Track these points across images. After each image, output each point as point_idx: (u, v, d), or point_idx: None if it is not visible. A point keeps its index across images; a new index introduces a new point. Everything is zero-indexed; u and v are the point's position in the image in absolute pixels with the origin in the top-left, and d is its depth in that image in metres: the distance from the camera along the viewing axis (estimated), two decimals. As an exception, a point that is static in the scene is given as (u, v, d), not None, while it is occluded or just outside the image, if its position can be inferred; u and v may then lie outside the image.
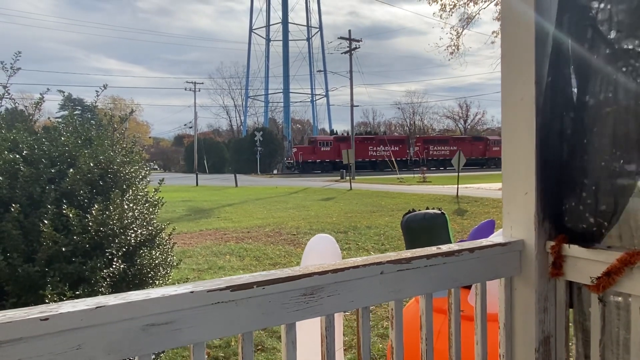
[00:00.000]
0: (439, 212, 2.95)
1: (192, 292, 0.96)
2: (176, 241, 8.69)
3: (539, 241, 1.44)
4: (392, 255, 1.25)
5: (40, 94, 3.48)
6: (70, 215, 2.54)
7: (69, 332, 0.84)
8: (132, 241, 2.97)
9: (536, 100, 1.42)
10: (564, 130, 1.39)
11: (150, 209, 3.38)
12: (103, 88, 3.68)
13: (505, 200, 1.53)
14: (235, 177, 28.07)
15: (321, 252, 2.98)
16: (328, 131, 72.09)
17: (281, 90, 70.35)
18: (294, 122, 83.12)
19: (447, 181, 24.75)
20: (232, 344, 4.10)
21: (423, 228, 2.92)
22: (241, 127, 73.50)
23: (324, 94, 71.76)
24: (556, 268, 1.43)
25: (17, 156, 2.67)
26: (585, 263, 1.36)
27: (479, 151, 53.16)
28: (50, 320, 0.82)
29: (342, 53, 40.71)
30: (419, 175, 32.66)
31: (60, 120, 3.72)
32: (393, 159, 42.15)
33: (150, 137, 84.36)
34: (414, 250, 1.32)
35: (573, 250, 1.38)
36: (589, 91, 1.35)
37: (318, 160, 47.43)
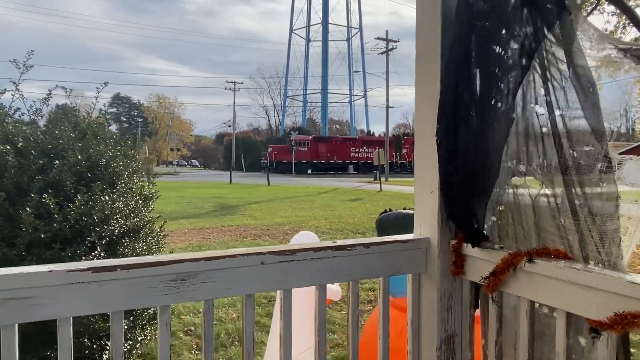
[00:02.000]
0: (413, 212, 2.95)
1: (50, 270, 1.04)
2: (195, 235, 8.94)
3: (442, 240, 1.45)
4: (275, 247, 1.30)
5: (47, 90, 3.70)
6: (50, 204, 2.70)
7: None
8: (115, 231, 3.12)
9: (440, 98, 1.42)
10: (458, 129, 1.39)
11: (140, 202, 3.53)
12: (104, 85, 3.86)
13: (416, 199, 1.54)
14: (267, 175, 28.45)
15: None
16: (366, 131, 71.85)
17: (319, 91, 70.74)
18: (333, 123, 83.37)
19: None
20: (222, 335, 4.21)
21: (394, 227, 2.93)
22: (279, 126, 74.31)
23: (362, 94, 71.63)
24: (457, 267, 1.43)
25: (9, 147, 2.86)
26: (481, 263, 1.35)
27: None
28: None
29: (379, 54, 40.52)
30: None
31: (109, 115, 3.97)
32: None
33: (192, 135, 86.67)
34: (302, 243, 1.36)
35: (470, 249, 1.38)
36: (482, 93, 1.35)
37: (295, 161, 45.68)
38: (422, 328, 1.51)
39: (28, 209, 2.66)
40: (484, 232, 1.32)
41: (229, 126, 64.36)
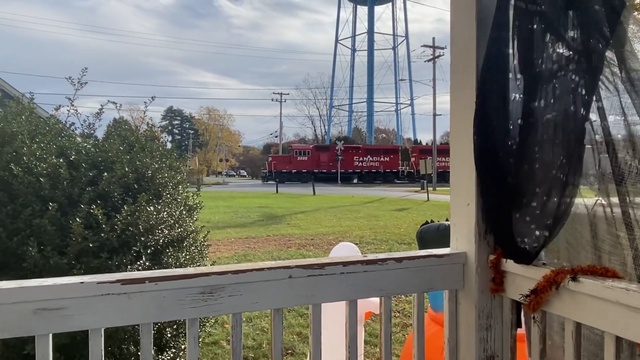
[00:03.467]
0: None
1: (82, 282, 1.07)
2: (241, 244, 9.08)
3: (480, 255, 1.38)
4: (303, 260, 1.27)
5: (97, 104, 3.89)
6: (99, 214, 2.81)
7: (-35, 308, 0.98)
8: (160, 241, 3.21)
9: (477, 108, 1.36)
10: (500, 139, 1.32)
11: (184, 212, 3.61)
12: (151, 100, 4.01)
13: (452, 211, 1.48)
14: (313, 185, 28.58)
15: None
16: (412, 140, 70.92)
17: (365, 100, 70.62)
18: (379, 132, 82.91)
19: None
20: (264, 345, 4.22)
21: (435, 238, 2.84)
22: (325, 136, 74.69)
23: (409, 102, 70.86)
24: (496, 284, 1.35)
25: (61, 160, 3.01)
26: (521, 280, 1.28)
27: None
28: (-51, 297, 0.97)
29: (425, 61, 40.02)
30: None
31: (160, 128, 4.16)
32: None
33: (240, 146, 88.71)
34: (331, 257, 1.33)
35: (510, 265, 1.31)
36: (526, 100, 1.28)
37: (294, 171, 44.65)
38: (459, 347, 1.44)
39: (78, 219, 2.77)
40: (527, 247, 1.25)
41: (276, 137, 65.42)
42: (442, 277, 1.41)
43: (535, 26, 1.27)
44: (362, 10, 70.73)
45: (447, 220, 3.13)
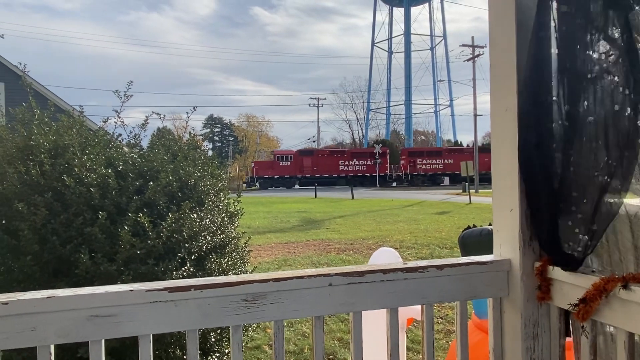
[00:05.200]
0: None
1: (131, 290, 1.11)
2: (281, 249, 9.17)
3: (525, 262, 1.34)
4: (342, 268, 1.28)
5: (145, 116, 4.04)
6: (145, 222, 2.92)
7: (25, 315, 1.04)
8: (203, 247, 3.29)
9: (519, 111, 1.34)
10: (545, 142, 1.28)
11: (226, 219, 3.69)
12: (192, 110, 4.13)
13: (495, 217, 1.45)
14: (351, 189, 28.52)
15: None
16: (452, 142, 69.64)
17: (403, 102, 69.96)
18: (417, 134, 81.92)
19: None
20: (306, 351, 4.24)
21: (478, 244, 2.78)
22: (363, 139, 74.45)
23: (448, 103, 69.70)
24: (542, 292, 1.31)
25: (110, 171, 3.14)
26: (569, 288, 1.24)
27: (483, 164, 43.72)
28: (9, 304, 1.03)
29: (464, 61, 39.26)
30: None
31: (201, 136, 4.33)
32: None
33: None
34: (371, 264, 1.33)
35: (557, 272, 1.27)
36: (572, 102, 1.24)
37: (276, 176, 43.74)
38: (505, 356, 1.41)
39: (126, 227, 2.88)
40: (575, 254, 1.20)
41: (314, 141, 65.70)
42: (486, 284, 1.38)
43: (576, 26, 1.23)
44: (398, 12, 70.25)
45: (489, 224, 3.06)
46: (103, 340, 1.12)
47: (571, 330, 1.33)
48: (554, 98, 1.29)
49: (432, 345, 1.36)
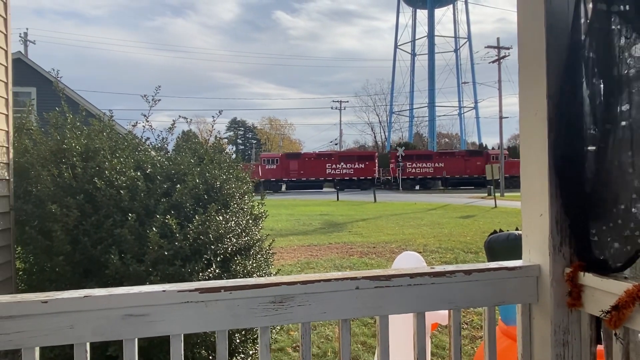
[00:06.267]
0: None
1: (164, 290, 1.14)
2: (303, 252, 9.20)
3: (555, 267, 1.33)
4: (369, 272, 1.29)
5: (172, 119, 4.12)
6: (173, 224, 2.97)
7: (63, 314, 1.08)
8: (229, 249, 3.33)
9: (548, 115, 1.32)
10: (579, 147, 1.27)
11: (250, 221, 3.73)
12: (219, 113, 4.20)
13: (524, 222, 1.43)
14: (374, 192, 28.41)
15: None
16: (477, 144, 68.71)
17: (426, 104, 69.42)
18: (441, 137, 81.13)
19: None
20: (329, 354, 4.25)
21: (505, 249, 2.74)
22: (385, 142, 74.09)
23: (472, 106, 68.82)
24: (573, 298, 1.29)
25: (139, 173, 3.22)
26: (601, 294, 1.21)
27: (476, 168, 43.54)
28: (49, 303, 1.07)
29: (489, 62, 38.72)
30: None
31: (226, 138, 4.43)
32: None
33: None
34: (398, 268, 1.33)
35: (588, 279, 1.25)
36: (606, 104, 1.22)
37: (262, 180, 42.31)
38: (534, 363, 1.39)
39: (154, 228, 2.95)
40: (610, 260, 1.18)
41: (336, 144, 65.72)
42: (514, 290, 1.37)
43: (613, 27, 1.21)
44: (422, 14, 69.80)
45: (517, 229, 3.02)
46: (136, 339, 1.15)
47: (602, 337, 1.30)
48: (587, 101, 1.28)
49: (459, 351, 1.36)
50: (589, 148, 1.26)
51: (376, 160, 46.18)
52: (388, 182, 45.62)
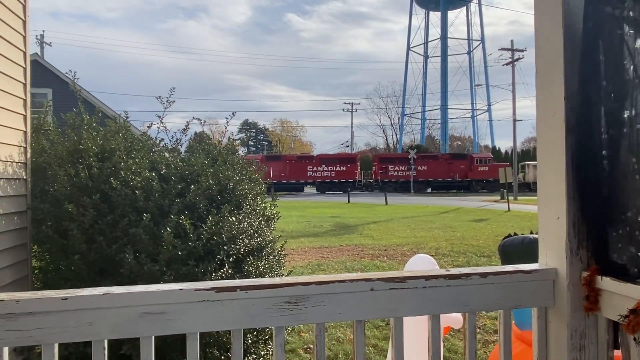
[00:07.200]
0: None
1: (181, 289, 1.15)
2: (315, 254, 9.21)
3: (572, 271, 1.31)
4: (384, 273, 1.29)
5: (185, 121, 4.15)
6: (186, 224, 3.00)
7: (82, 311, 1.10)
8: (241, 250, 3.35)
9: (566, 117, 1.31)
10: (596, 149, 1.25)
11: (263, 223, 3.75)
12: (232, 115, 4.23)
13: (540, 225, 1.42)
14: (385, 195, 28.33)
15: None
16: (490, 147, 68.19)
17: (439, 107, 69.10)
18: (454, 139, 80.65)
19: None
20: (340, 356, 4.24)
21: (520, 253, 2.72)
22: (397, 145, 73.86)
23: (486, 108, 68.31)
24: (590, 302, 1.28)
25: (154, 174, 3.25)
26: (619, 299, 1.20)
27: (459, 171, 43.33)
28: (68, 300, 1.09)
29: (503, 65, 38.43)
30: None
31: (239, 140, 4.50)
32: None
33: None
34: (413, 270, 1.33)
35: (606, 283, 1.23)
36: (627, 106, 1.21)
37: None
38: (550, 368, 1.37)
39: (169, 228, 2.98)
40: (628, 264, 1.17)
41: (347, 146, 65.67)
42: (530, 293, 1.36)
43: (626, 31, 1.20)
44: (435, 16, 69.53)
45: (531, 233, 2.99)
46: (153, 337, 1.16)
47: (620, 342, 1.29)
48: (604, 103, 1.27)
49: (474, 354, 1.35)
50: (607, 150, 1.25)
51: (358, 163, 46.12)
52: (370, 185, 45.41)
